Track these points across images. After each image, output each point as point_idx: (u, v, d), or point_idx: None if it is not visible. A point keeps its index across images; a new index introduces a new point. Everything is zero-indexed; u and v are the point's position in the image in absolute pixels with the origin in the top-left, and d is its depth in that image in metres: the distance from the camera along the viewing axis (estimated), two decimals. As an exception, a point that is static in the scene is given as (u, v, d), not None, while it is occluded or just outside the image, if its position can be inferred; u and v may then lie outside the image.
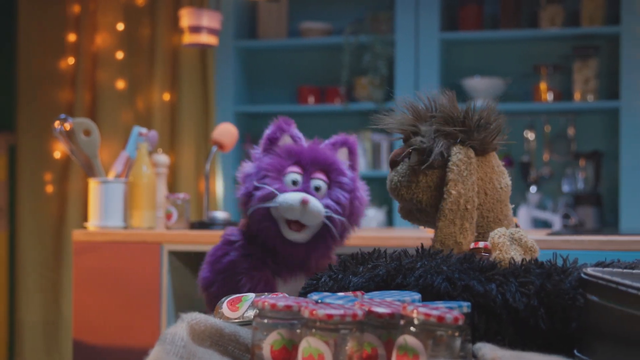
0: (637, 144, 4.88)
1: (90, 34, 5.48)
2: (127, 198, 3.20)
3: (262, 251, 2.13)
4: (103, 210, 3.17)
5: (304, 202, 2.03)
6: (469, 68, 5.44)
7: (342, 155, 2.17)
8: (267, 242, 2.10)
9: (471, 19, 5.35)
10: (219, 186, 5.42)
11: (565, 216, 5.09)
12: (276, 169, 2.05)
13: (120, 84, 5.44)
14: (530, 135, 5.32)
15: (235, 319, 1.50)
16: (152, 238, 3.11)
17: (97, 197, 3.17)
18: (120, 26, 5.44)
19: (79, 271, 3.17)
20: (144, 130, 3.26)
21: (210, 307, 2.14)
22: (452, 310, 1.23)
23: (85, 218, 5.10)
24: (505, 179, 1.92)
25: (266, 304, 1.26)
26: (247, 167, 2.14)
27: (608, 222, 5.16)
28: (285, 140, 2.10)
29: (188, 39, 3.69)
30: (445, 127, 1.84)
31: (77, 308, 3.18)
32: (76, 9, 5.52)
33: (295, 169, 2.07)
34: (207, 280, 2.20)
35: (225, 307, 1.53)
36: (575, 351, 1.34)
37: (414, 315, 1.22)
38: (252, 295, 1.53)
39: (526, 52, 5.41)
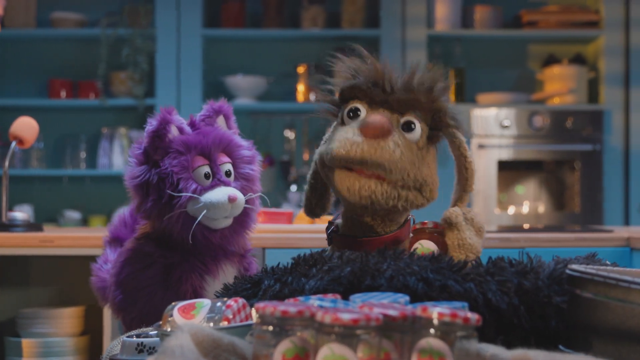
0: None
1: None
2: None
3: (182, 255, 1.96)
4: None
5: (231, 200, 1.91)
6: (231, 66, 5.40)
7: (221, 124, 2.05)
8: (195, 240, 1.93)
9: (233, 16, 5.31)
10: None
11: (328, 214, 5.18)
12: (183, 167, 1.90)
13: None
14: (290, 134, 5.36)
15: (191, 328, 1.36)
16: (-52, 242, 2.79)
17: None
18: None
19: None
20: None
21: (133, 328, 1.90)
22: (466, 311, 1.20)
23: None
24: None
25: (276, 310, 1.16)
26: (138, 171, 1.93)
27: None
28: (173, 132, 1.94)
29: (-34, 23, 3.36)
30: None
31: None
32: None
33: (201, 160, 1.94)
34: (124, 302, 1.98)
35: (176, 314, 1.38)
36: (561, 347, 1.34)
37: (437, 317, 1.17)
38: (207, 301, 1.40)
39: (288, 52, 5.45)
